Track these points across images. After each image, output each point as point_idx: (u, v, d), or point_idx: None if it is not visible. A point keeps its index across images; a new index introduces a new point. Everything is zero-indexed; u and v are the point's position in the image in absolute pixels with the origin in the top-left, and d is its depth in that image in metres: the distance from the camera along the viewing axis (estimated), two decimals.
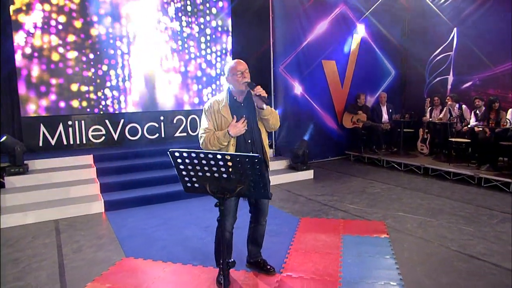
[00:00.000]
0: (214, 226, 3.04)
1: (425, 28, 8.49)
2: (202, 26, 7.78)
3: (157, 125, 7.50)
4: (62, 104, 6.63)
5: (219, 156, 1.94)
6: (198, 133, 7.62)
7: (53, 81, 6.52)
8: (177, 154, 2.00)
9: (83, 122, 6.81)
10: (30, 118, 6.42)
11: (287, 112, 7.65)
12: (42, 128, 6.51)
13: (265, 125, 3.04)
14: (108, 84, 6.98)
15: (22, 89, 6.32)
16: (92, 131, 6.91)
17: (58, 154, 6.16)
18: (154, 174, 6.03)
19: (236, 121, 2.86)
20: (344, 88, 8.41)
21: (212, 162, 1.98)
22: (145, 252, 3.78)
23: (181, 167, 2.05)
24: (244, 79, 2.85)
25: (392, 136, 8.01)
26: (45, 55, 6.43)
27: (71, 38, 6.60)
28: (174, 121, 7.67)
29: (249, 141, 2.94)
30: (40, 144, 6.51)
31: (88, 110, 6.87)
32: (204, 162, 1.99)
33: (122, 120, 7.17)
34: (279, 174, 6.68)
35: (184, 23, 7.59)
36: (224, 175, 2.01)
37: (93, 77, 6.84)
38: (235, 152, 2.89)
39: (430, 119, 7.45)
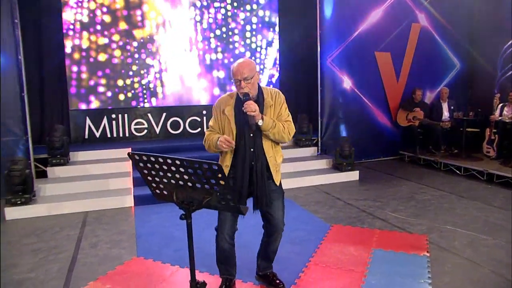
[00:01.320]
0: (241, 230, 2.80)
1: (497, 14, 7.40)
2: (248, 14, 7.54)
3: (199, 119, 7.44)
4: (106, 98, 6.82)
5: (178, 162, 1.66)
6: None
7: (99, 76, 6.73)
8: (137, 157, 1.76)
9: (126, 115, 6.95)
10: (77, 111, 6.68)
11: (334, 107, 7.13)
12: (88, 121, 6.75)
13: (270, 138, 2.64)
14: (151, 78, 7.04)
15: (70, 84, 6.58)
16: (135, 125, 7.03)
17: (101, 147, 6.34)
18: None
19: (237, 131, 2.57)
20: (400, 82, 7.65)
21: (173, 168, 1.70)
22: (158, 252, 3.65)
23: (145, 171, 1.80)
24: (241, 89, 2.50)
25: (453, 136, 7.10)
26: (91, 52, 6.64)
27: (116, 37, 6.77)
28: None
29: (252, 149, 2.59)
30: (86, 136, 6.76)
31: (133, 104, 6.99)
32: (165, 167, 1.72)
33: (164, 114, 7.21)
34: (322, 174, 6.24)
35: (229, 13, 7.41)
36: (189, 183, 1.73)
37: (136, 72, 6.94)
38: (233, 160, 2.60)
39: (500, 118, 6.46)
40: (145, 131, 7.11)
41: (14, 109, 5.36)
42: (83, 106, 6.71)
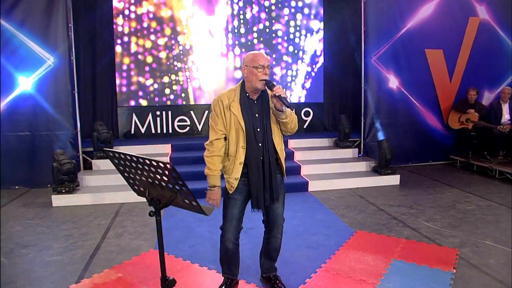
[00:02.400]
0: (255, 230, 2.82)
1: None
2: (293, 10, 7.47)
3: None
4: (152, 96, 7.16)
5: (141, 160, 1.69)
6: None
7: (145, 76, 7.10)
8: (111, 154, 1.83)
9: (170, 112, 7.24)
10: (124, 108, 7.10)
11: (379, 108, 6.79)
12: (134, 118, 7.13)
13: (282, 129, 2.65)
14: (194, 75, 7.25)
15: (118, 82, 7.01)
16: (178, 121, 7.29)
17: (144, 142, 6.67)
18: None
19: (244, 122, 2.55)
20: (453, 81, 7.07)
21: (140, 166, 1.74)
22: (174, 247, 3.75)
23: (121, 168, 1.87)
24: (264, 75, 2.49)
25: None
26: (139, 54, 7.03)
27: (161, 41, 7.08)
28: None
29: (260, 144, 2.57)
30: (132, 132, 7.15)
31: (177, 102, 7.26)
32: (133, 165, 1.77)
33: (206, 112, 7.39)
34: (360, 177, 6.00)
35: (273, 14, 7.40)
36: (156, 182, 1.76)
37: (180, 72, 7.20)
38: (246, 156, 2.58)
39: None
40: (188, 128, 7.35)
41: (66, 106, 5.84)
42: (132, 103, 7.12)
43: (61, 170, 5.14)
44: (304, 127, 7.77)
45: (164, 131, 7.26)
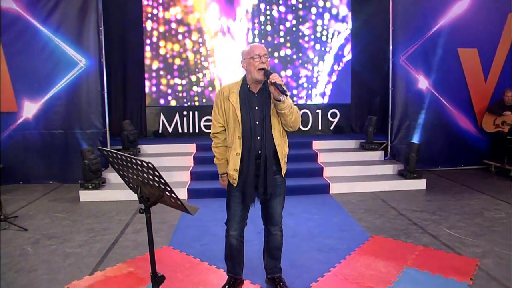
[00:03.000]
0: None
1: None
2: (320, 10, 7.40)
3: None
4: (180, 96, 7.34)
5: (129, 159, 1.76)
6: (307, 128, 6.79)
7: (173, 77, 7.29)
8: (105, 152, 1.91)
9: (196, 113, 7.39)
10: (153, 107, 7.32)
11: (407, 109, 6.57)
12: (162, 117, 7.34)
13: (283, 123, 2.61)
14: (221, 76, 7.36)
15: (147, 83, 7.25)
16: (204, 122, 7.42)
17: (171, 141, 6.86)
18: None
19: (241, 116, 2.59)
20: (488, 82, 6.69)
21: (129, 165, 1.81)
22: (187, 245, 3.84)
23: (116, 166, 1.94)
24: (261, 64, 2.50)
25: None
26: (167, 56, 7.23)
27: (189, 43, 7.24)
28: None
29: (258, 137, 2.58)
30: (160, 131, 7.36)
31: (203, 102, 7.40)
32: (125, 164, 1.84)
33: None
34: (384, 180, 5.84)
35: (300, 12, 7.35)
36: (145, 180, 1.82)
37: (207, 73, 7.33)
38: (242, 149, 2.60)
39: None
40: None
41: (96, 105, 6.11)
42: (160, 103, 7.34)
43: (90, 167, 5.39)
44: (331, 128, 7.67)
45: (191, 131, 7.42)
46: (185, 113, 7.37)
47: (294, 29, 7.40)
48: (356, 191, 5.64)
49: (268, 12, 7.32)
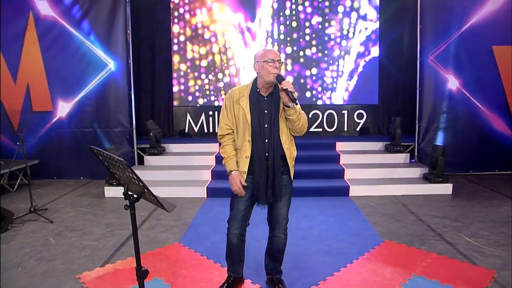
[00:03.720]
0: (289, 231, 2.89)
1: None
2: (348, 9, 7.28)
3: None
4: (206, 97, 7.49)
5: (112, 157, 1.85)
6: (332, 129, 7.11)
7: (200, 78, 7.45)
8: (95, 151, 2.01)
9: None
10: (180, 108, 7.52)
11: (436, 110, 6.31)
12: (188, 117, 7.52)
13: (290, 128, 2.66)
14: (246, 78, 7.42)
15: (175, 84, 7.46)
16: None
17: (196, 141, 7.02)
18: None
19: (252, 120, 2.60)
20: None
21: (113, 162, 1.90)
22: (197, 242, 3.92)
23: (106, 164, 2.04)
24: (274, 69, 2.53)
25: None
26: (194, 58, 7.41)
27: (215, 46, 7.39)
28: (309, 116, 7.49)
29: (266, 140, 2.62)
30: (186, 130, 7.55)
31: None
32: (112, 162, 1.93)
33: None
34: (407, 184, 5.65)
35: (326, 10, 7.27)
36: (129, 178, 1.90)
37: (232, 75, 7.42)
38: (252, 151, 2.65)
39: None
40: None
41: (123, 105, 6.38)
42: (186, 103, 7.53)
43: None
44: (357, 129, 7.51)
45: (216, 130, 7.53)
46: (210, 113, 7.51)
47: (320, 26, 7.32)
48: (377, 194, 5.49)
49: (294, 12, 7.28)
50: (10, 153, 5.83)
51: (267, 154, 2.62)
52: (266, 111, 2.61)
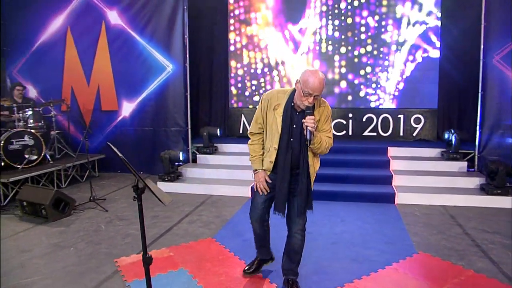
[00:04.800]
0: (316, 233, 3.02)
1: None
2: (409, 11, 6.97)
3: (344, 122, 7.39)
4: (258, 99, 7.68)
5: (119, 154, 2.09)
6: (387, 134, 7.14)
7: (253, 83, 7.66)
8: (111, 146, 2.27)
9: None
10: (235, 109, 7.80)
11: (501, 116, 5.77)
12: (243, 118, 7.77)
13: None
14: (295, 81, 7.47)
15: (231, 87, 7.77)
16: None
17: (247, 141, 7.19)
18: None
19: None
20: None
21: (124, 158, 2.14)
22: (228, 239, 4.10)
23: (123, 159, 2.28)
24: (307, 102, 2.53)
25: None
26: (249, 64, 7.64)
27: (271, 54, 7.54)
28: (363, 119, 7.31)
29: (292, 152, 2.74)
30: (241, 131, 7.80)
31: None
32: (123, 157, 2.17)
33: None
34: (461, 194, 5.27)
35: (384, 2, 7.03)
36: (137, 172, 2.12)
37: (285, 79, 7.52)
38: (277, 158, 2.78)
39: None
40: None
41: (180, 106, 6.81)
42: (241, 105, 7.80)
43: (166, 161, 6.07)
44: (414, 135, 7.13)
45: None
46: None
47: (376, 25, 7.08)
48: (425, 203, 5.21)
49: (349, 14, 7.15)
50: (82, 148, 6.55)
51: (291, 165, 2.73)
52: (295, 126, 2.70)
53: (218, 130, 6.87)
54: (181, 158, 6.21)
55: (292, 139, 2.70)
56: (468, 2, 6.44)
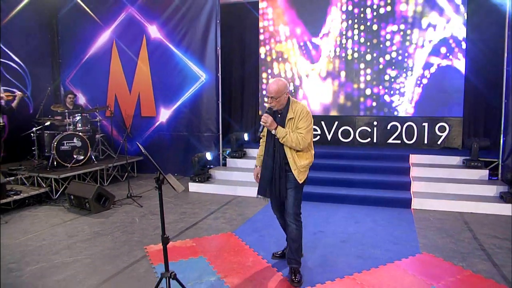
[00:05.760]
0: (329, 232, 3.43)
1: None
2: (432, 22, 7.10)
3: (369, 130, 7.59)
4: None
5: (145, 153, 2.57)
6: (411, 142, 7.41)
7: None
8: (139, 145, 2.77)
9: None
10: None
11: None
12: None
13: None
14: (324, 90, 7.78)
15: (261, 92, 8.21)
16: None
17: None
18: (341, 175, 6.35)
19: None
20: None
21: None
22: (247, 234, 4.51)
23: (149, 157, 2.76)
24: (268, 104, 3.28)
25: None
26: (280, 74, 8.05)
27: (301, 65, 7.91)
28: (388, 127, 7.48)
29: (274, 148, 3.26)
30: None
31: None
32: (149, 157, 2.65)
33: (336, 122, 7.78)
34: (479, 202, 5.34)
35: (410, 13, 7.20)
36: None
37: (307, 87, 7.86)
38: (264, 154, 3.36)
39: None
40: (318, 137, 7.90)
41: (212, 113, 7.34)
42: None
43: (197, 164, 6.60)
44: (438, 143, 7.19)
45: None
46: None
47: (401, 33, 7.25)
48: (441, 209, 5.34)
49: (375, 20, 7.37)
50: (123, 150, 7.25)
51: (273, 161, 3.26)
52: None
53: (245, 135, 7.33)
54: (209, 158, 6.72)
55: (275, 138, 3.22)
56: (493, 12, 6.47)
